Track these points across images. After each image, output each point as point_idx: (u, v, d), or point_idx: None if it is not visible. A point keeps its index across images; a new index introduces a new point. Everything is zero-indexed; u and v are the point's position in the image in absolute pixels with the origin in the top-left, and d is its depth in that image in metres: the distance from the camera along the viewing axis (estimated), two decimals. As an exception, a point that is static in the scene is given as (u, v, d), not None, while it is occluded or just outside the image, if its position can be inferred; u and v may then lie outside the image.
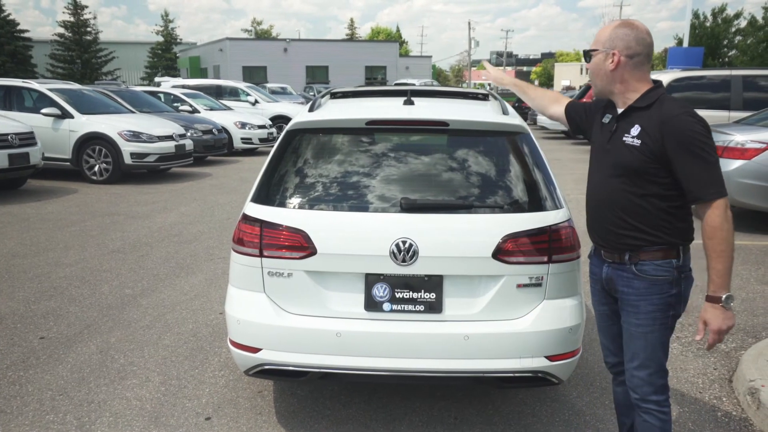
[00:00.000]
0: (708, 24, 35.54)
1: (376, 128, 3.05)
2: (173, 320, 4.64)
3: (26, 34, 44.18)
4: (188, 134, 12.60)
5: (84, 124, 10.91)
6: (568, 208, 2.95)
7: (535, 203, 2.88)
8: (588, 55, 2.40)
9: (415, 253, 2.73)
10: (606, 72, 2.35)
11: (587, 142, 2.70)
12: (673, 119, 2.20)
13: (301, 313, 2.85)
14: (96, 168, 10.95)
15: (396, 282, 2.79)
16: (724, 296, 2.20)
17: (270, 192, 2.98)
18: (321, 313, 2.84)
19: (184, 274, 5.77)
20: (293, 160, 3.06)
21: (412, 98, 3.35)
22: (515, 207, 2.87)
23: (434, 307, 2.79)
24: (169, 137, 11.41)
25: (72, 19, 45.90)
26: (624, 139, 2.32)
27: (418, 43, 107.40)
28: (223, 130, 14.76)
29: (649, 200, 2.29)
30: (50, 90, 11.25)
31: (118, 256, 6.34)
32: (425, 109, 3.32)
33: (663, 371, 2.46)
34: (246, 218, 2.94)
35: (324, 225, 2.83)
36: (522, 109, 20.65)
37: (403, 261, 2.74)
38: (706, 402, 3.48)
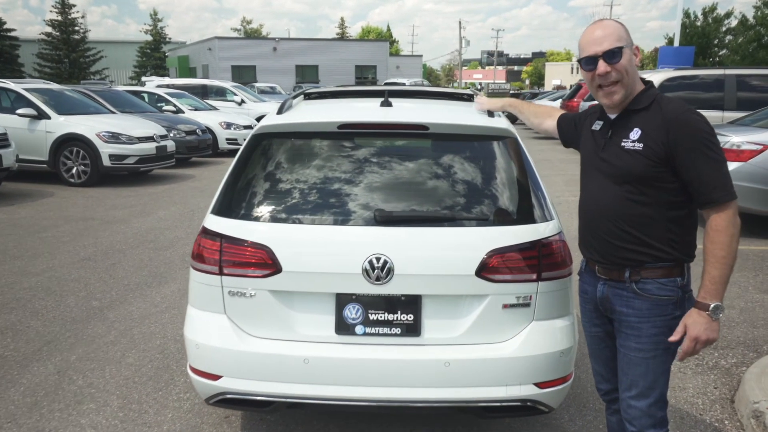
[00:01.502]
0: (699, 23, 35.54)
1: (349, 132, 2.79)
2: (140, 335, 4.36)
3: (14, 33, 43.65)
4: (170, 135, 12.28)
5: (61, 124, 10.56)
6: (558, 219, 2.70)
7: (523, 215, 2.62)
8: (617, 54, 2.07)
9: (391, 271, 2.47)
10: (635, 70, 2.13)
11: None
12: (680, 119, 2.01)
13: (266, 337, 2.58)
14: (74, 170, 10.60)
15: (369, 302, 2.53)
16: (713, 305, 2.01)
17: (232, 203, 2.70)
18: (287, 337, 2.57)
19: (156, 284, 5.48)
20: (259, 168, 2.78)
21: (391, 99, 3.09)
22: (501, 219, 2.61)
23: (412, 330, 2.53)
24: (150, 138, 11.08)
25: (60, 18, 45.34)
26: (623, 144, 2.11)
27: (409, 42, 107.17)
28: (208, 130, 14.46)
29: (656, 209, 2.08)
30: (27, 90, 10.90)
31: (89, 264, 6.04)
32: (403, 111, 3.06)
33: (663, 402, 2.24)
34: (205, 232, 2.66)
35: (290, 240, 2.56)
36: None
37: (377, 279, 2.47)
38: (707, 425, 3.24)
